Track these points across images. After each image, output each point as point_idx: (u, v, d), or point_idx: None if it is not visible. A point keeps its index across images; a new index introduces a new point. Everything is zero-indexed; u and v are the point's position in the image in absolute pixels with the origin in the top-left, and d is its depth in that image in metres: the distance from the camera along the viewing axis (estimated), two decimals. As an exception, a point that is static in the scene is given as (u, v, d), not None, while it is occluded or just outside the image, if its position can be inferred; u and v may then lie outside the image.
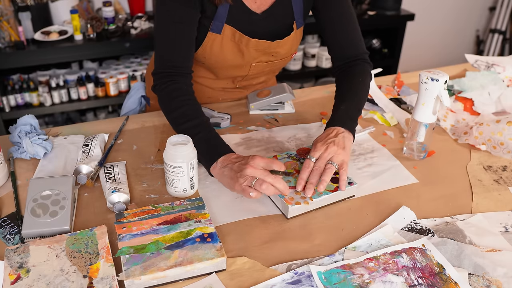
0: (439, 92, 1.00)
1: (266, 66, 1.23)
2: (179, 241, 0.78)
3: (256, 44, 1.13)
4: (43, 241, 0.78)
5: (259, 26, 1.13)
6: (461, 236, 0.86)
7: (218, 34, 1.11)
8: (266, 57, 1.19)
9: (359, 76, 1.13)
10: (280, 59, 1.22)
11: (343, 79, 1.15)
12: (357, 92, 1.10)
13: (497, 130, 1.14)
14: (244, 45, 1.13)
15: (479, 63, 1.55)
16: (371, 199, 0.96)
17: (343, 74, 1.16)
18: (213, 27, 1.10)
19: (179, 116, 1.01)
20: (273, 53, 1.18)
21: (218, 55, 1.15)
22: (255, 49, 1.14)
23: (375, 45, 3.12)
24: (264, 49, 1.15)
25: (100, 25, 2.45)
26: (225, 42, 1.12)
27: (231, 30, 1.10)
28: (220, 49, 1.13)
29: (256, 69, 1.23)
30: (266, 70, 1.26)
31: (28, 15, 2.32)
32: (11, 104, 2.44)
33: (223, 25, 1.09)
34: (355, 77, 1.13)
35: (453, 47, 3.80)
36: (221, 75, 1.25)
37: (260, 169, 0.87)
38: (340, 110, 1.04)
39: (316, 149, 0.95)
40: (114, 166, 1.00)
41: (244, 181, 0.86)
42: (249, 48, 1.14)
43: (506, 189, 1.00)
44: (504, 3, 3.53)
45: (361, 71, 1.14)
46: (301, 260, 0.80)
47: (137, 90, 1.46)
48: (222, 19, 1.09)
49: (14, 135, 1.07)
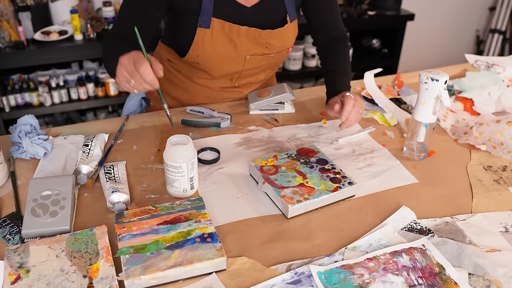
0: (439, 92, 1.00)
1: (262, 59, 1.23)
2: (179, 241, 0.78)
3: (247, 31, 1.13)
4: (43, 241, 0.78)
5: (249, 19, 1.14)
6: (461, 236, 0.86)
7: (207, 28, 1.11)
8: (260, 49, 1.19)
9: (344, 55, 1.27)
10: (276, 52, 1.22)
11: (329, 55, 1.28)
12: (346, 69, 1.26)
13: (497, 130, 1.14)
14: (235, 34, 1.13)
15: (479, 63, 1.55)
16: (371, 199, 0.96)
17: (328, 51, 1.28)
18: (201, 22, 1.11)
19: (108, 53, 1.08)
20: (266, 45, 1.18)
21: (210, 50, 1.15)
22: (246, 38, 1.15)
23: (375, 45, 3.11)
24: (256, 39, 1.16)
25: (100, 25, 2.45)
26: (215, 35, 1.13)
27: (219, 22, 1.11)
28: (211, 44, 1.14)
29: (252, 63, 1.22)
30: (263, 64, 1.26)
31: (28, 15, 2.32)
32: (11, 104, 2.44)
33: (211, 19, 1.10)
34: (342, 56, 1.27)
35: (453, 47, 3.80)
36: (216, 74, 1.25)
37: (129, 65, 0.89)
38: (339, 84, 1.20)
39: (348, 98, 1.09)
40: (114, 166, 1.00)
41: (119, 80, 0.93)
42: (240, 38, 1.14)
43: (506, 189, 1.00)
44: (504, 3, 3.53)
45: (344, 51, 1.28)
46: (301, 260, 0.80)
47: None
48: (209, 13, 1.10)
49: (14, 135, 1.07)
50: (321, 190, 0.92)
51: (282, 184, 0.93)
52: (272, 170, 0.98)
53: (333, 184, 0.94)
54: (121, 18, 1.13)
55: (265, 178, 0.95)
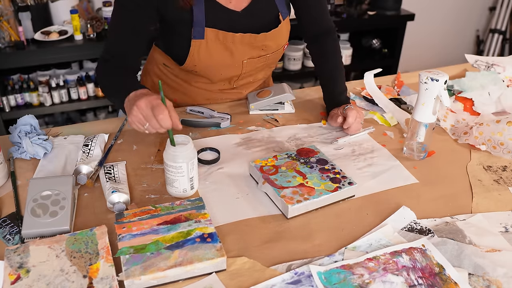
0: (439, 92, 1.00)
1: (259, 61, 1.23)
2: (179, 241, 0.78)
3: (242, 38, 1.13)
4: (43, 241, 0.78)
5: (242, 24, 1.13)
6: (461, 236, 0.86)
7: (201, 39, 1.11)
8: (256, 52, 1.19)
9: (335, 52, 1.30)
10: (272, 52, 1.22)
11: (321, 55, 1.30)
12: (340, 71, 1.29)
13: (497, 130, 1.14)
14: (230, 42, 1.13)
15: (479, 63, 1.55)
16: (371, 199, 0.96)
17: (319, 50, 1.30)
18: (195, 33, 1.10)
19: (110, 84, 1.07)
20: (262, 47, 1.18)
21: (207, 60, 1.15)
22: (242, 44, 1.14)
23: (375, 45, 3.11)
24: (251, 43, 1.16)
25: (100, 25, 2.45)
26: (210, 45, 1.12)
27: (213, 32, 1.11)
28: (207, 54, 1.13)
29: (249, 66, 1.22)
30: (260, 65, 1.26)
31: (28, 15, 2.32)
32: (11, 104, 2.44)
33: (204, 29, 1.10)
34: (333, 55, 1.29)
35: (453, 47, 3.80)
36: (215, 79, 1.24)
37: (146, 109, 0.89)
38: (337, 93, 1.25)
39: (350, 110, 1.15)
40: (114, 166, 1.00)
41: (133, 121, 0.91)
42: (236, 45, 1.14)
43: (506, 189, 1.00)
44: (504, 3, 3.53)
45: (334, 46, 1.30)
46: (301, 260, 0.80)
47: None
48: (202, 24, 1.09)
49: (14, 135, 1.07)
50: (321, 190, 0.92)
51: (282, 184, 0.93)
52: (272, 170, 0.98)
53: (333, 184, 0.94)
54: (114, 37, 1.10)
55: (265, 178, 0.95)
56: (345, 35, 3.20)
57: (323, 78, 1.30)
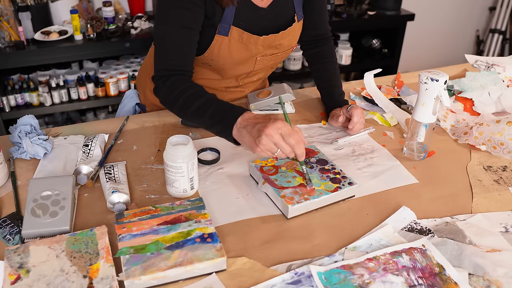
0: (439, 92, 1.00)
1: (270, 59, 1.23)
2: (179, 241, 0.78)
3: (264, 40, 1.14)
4: (43, 241, 0.78)
5: (265, 21, 1.14)
6: (461, 236, 0.86)
7: (225, 36, 1.10)
8: (270, 50, 1.20)
9: (332, 57, 1.33)
10: (283, 51, 1.23)
11: (321, 60, 1.33)
12: (338, 75, 1.33)
13: (497, 130, 1.14)
14: (252, 44, 1.13)
15: (479, 63, 1.55)
16: (371, 199, 0.96)
17: (317, 54, 1.33)
18: (220, 29, 1.09)
19: (185, 102, 1.02)
20: (277, 46, 1.19)
21: (226, 56, 1.14)
22: (262, 45, 1.15)
23: (375, 45, 3.11)
24: (270, 43, 1.16)
25: (100, 25, 2.45)
26: (233, 43, 1.12)
27: (238, 32, 1.10)
28: (228, 51, 1.13)
29: (261, 63, 1.23)
30: (270, 64, 1.26)
31: (28, 15, 2.32)
32: (11, 104, 2.44)
33: (230, 27, 1.09)
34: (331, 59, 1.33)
35: (453, 47, 3.80)
36: (227, 75, 1.24)
37: (276, 136, 0.87)
38: (337, 94, 1.28)
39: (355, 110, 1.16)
40: (114, 166, 1.00)
41: (262, 150, 0.89)
42: (257, 46, 1.15)
43: (506, 189, 1.00)
44: (504, 3, 3.53)
45: (332, 51, 1.34)
46: (301, 260, 0.80)
47: (131, 99, 1.42)
48: (229, 21, 1.09)
49: (14, 135, 1.07)
50: (321, 191, 0.92)
51: (282, 185, 0.93)
52: (272, 170, 0.98)
53: (333, 184, 0.94)
54: (172, 47, 1.05)
55: (265, 178, 0.95)
56: (345, 35, 3.20)
57: (322, 80, 1.32)
